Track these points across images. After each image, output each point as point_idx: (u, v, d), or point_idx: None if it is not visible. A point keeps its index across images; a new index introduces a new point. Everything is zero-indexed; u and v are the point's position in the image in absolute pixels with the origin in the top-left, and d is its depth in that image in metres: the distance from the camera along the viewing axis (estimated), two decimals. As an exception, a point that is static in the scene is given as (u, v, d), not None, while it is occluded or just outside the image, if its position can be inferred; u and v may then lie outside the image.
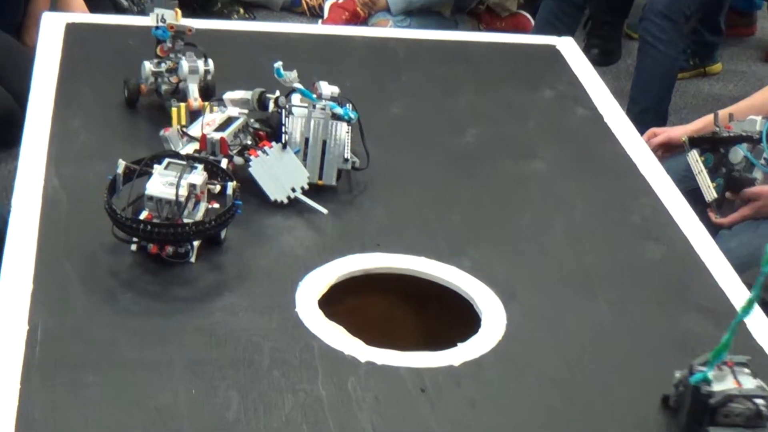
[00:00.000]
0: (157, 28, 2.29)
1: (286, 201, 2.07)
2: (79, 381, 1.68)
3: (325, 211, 2.07)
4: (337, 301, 1.93)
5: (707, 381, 1.63)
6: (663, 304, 2.01)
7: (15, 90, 3.04)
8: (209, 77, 2.30)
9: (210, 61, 2.31)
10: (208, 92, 2.26)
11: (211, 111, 2.17)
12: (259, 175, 2.06)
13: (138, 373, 1.72)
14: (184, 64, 2.25)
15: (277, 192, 2.07)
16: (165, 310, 1.86)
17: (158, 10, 2.27)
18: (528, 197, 2.28)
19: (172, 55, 2.29)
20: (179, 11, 2.28)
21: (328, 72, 2.33)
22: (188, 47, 2.30)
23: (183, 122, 2.17)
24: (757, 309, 1.73)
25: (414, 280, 2.02)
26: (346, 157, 2.13)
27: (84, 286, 1.88)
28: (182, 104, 2.22)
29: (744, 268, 2.51)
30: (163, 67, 2.29)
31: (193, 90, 2.25)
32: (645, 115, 3.41)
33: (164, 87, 2.27)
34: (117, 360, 1.74)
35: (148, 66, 2.34)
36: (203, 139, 2.06)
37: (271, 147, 2.08)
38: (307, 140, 2.12)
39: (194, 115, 2.20)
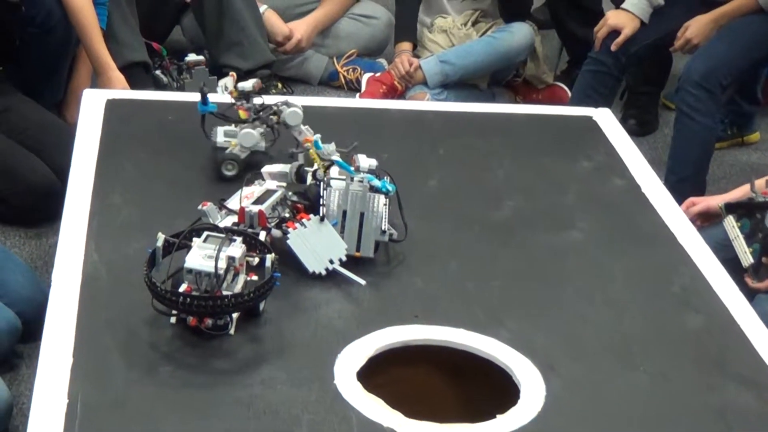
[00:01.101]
0: (204, 103, 2.34)
1: (324, 273, 2.07)
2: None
3: (363, 282, 2.07)
4: (376, 373, 1.92)
5: None
6: (704, 374, 1.99)
7: (56, 165, 3.06)
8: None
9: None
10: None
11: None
12: (297, 248, 2.06)
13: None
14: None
15: (315, 264, 2.07)
16: (204, 383, 1.85)
17: (222, 81, 2.29)
18: (566, 268, 2.27)
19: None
20: (235, 74, 2.29)
21: (365, 145, 2.34)
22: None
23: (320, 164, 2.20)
24: None
25: (453, 351, 2.01)
26: (383, 229, 2.13)
27: (123, 358, 1.87)
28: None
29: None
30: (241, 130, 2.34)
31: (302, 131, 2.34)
32: (683, 185, 3.40)
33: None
34: (156, 430, 1.74)
35: (221, 131, 2.46)
36: (242, 212, 2.06)
37: (309, 219, 2.08)
38: (344, 212, 2.12)
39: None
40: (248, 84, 2.50)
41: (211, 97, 2.38)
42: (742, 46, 3.63)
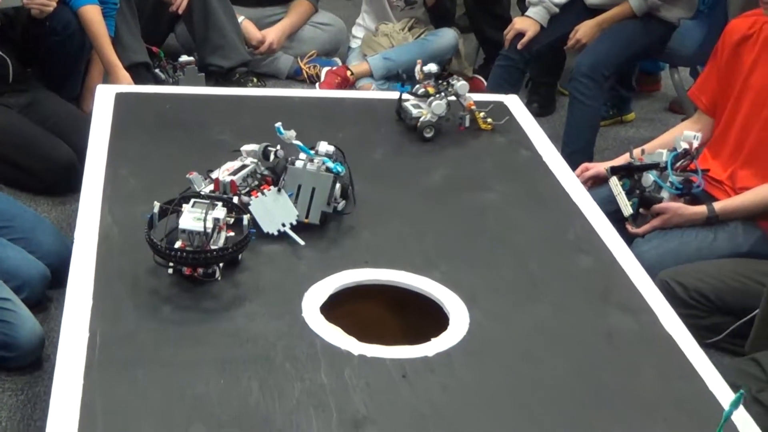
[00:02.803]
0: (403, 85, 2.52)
1: (276, 233, 2.06)
2: (130, 376, 1.68)
3: (302, 242, 2.06)
4: (335, 308, 1.93)
5: None
6: (594, 304, 2.01)
7: (76, 147, 3.04)
8: None
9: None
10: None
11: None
12: (256, 212, 2.05)
13: (177, 369, 1.71)
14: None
15: (269, 226, 2.06)
16: (198, 319, 1.85)
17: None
18: (485, 222, 2.27)
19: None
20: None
21: (325, 126, 2.33)
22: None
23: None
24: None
25: (396, 289, 2.02)
26: (328, 201, 2.11)
27: (132, 301, 1.87)
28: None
29: (654, 267, 2.51)
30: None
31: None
32: (575, 155, 3.41)
33: None
34: (160, 359, 1.73)
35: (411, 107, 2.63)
36: (216, 182, 2.07)
37: (269, 189, 2.07)
38: (300, 186, 2.10)
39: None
40: (433, 67, 2.67)
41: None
42: (620, 44, 3.64)
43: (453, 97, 2.62)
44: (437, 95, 2.61)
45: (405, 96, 2.66)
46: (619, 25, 3.65)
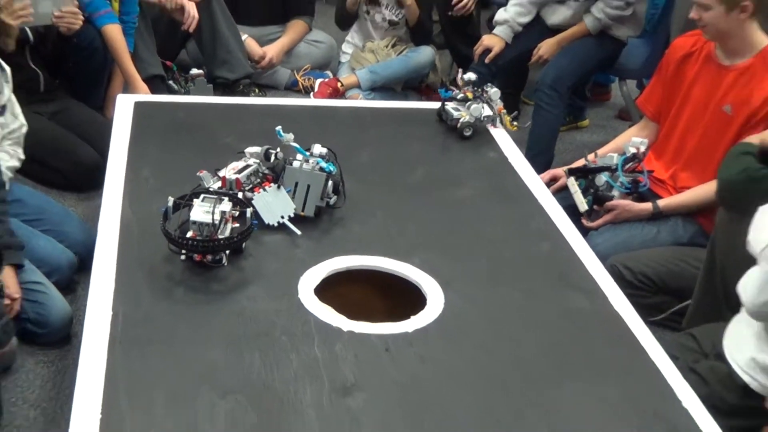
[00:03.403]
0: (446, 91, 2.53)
1: (276, 224, 2.07)
2: (149, 351, 1.68)
3: (299, 232, 2.06)
4: (327, 290, 1.93)
5: None
6: (554, 287, 2.02)
7: (99, 149, 3.03)
8: None
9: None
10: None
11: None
12: (259, 206, 2.05)
13: (190, 344, 1.72)
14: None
15: (270, 218, 2.07)
16: (207, 300, 1.85)
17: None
18: (459, 215, 2.28)
19: None
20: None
21: (318, 131, 2.34)
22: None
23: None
24: None
25: (381, 273, 2.03)
26: (321, 197, 2.12)
27: (149, 284, 1.87)
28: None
29: (606, 256, 2.52)
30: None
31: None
32: (537, 157, 3.42)
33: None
34: (173, 335, 1.74)
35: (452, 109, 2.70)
36: (224, 180, 2.08)
37: (270, 186, 2.08)
38: (296, 183, 2.10)
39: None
40: (472, 76, 2.74)
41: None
42: (579, 59, 3.64)
43: (489, 102, 2.68)
44: (475, 100, 2.67)
45: (447, 102, 2.72)
46: (577, 42, 3.65)
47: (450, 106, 2.69)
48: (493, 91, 2.69)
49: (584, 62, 3.66)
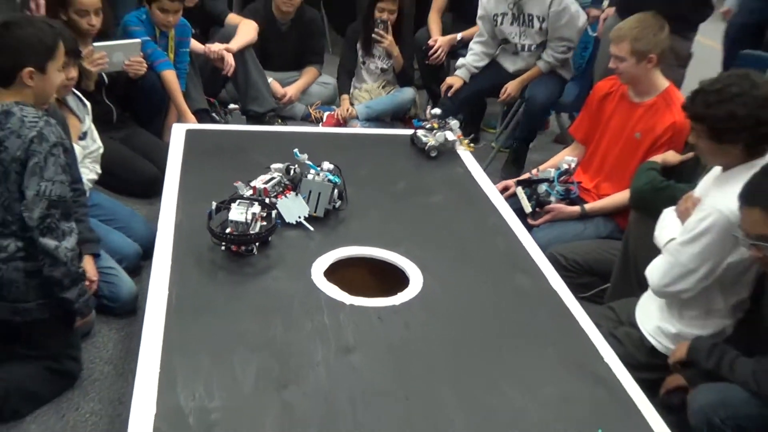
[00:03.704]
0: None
1: (294, 222, 2.07)
2: (197, 320, 1.69)
3: (312, 228, 2.06)
4: (334, 272, 1.93)
5: None
6: (506, 270, 2.02)
7: (159, 165, 3.01)
8: None
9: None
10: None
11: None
12: (282, 208, 2.06)
13: (228, 314, 1.72)
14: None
15: (290, 217, 2.07)
16: (240, 281, 1.85)
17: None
18: (433, 216, 2.27)
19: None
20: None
21: (326, 152, 2.33)
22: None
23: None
24: None
25: (375, 260, 2.03)
26: (329, 201, 2.12)
27: (197, 269, 1.87)
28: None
29: (546, 246, 2.52)
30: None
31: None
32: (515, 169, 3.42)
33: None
34: (216, 308, 1.74)
35: (422, 135, 2.65)
36: (254, 189, 2.07)
37: (290, 194, 2.09)
38: (310, 191, 2.11)
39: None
40: (438, 110, 2.73)
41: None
42: (550, 87, 3.57)
43: (450, 130, 2.66)
44: (440, 129, 2.66)
45: (418, 129, 2.70)
46: (539, 79, 3.60)
47: (420, 133, 2.67)
48: (453, 122, 2.68)
49: (553, 88, 3.63)
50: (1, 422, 1.97)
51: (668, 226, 2.11)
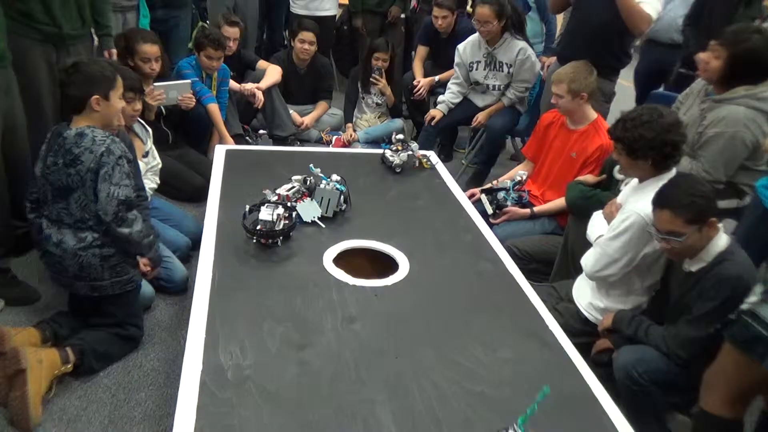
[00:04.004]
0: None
1: (310, 222, 2.05)
2: (235, 296, 1.67)
3: (323, 225, 2.05)
4: (341, 259, 1.92)
5: None
6: (472, 257, 2.01)
7: (205, 177, 2.98)
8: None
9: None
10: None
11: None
12: (300, 210, 2.05)
13: (258, 291, 1.70)
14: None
15: (307, 217, 2.05)
16: (268, 266, 1.83)
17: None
18: (418, 215, 2.26)
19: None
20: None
21: (335, 167, 2.31)
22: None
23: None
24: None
25: (372, 249, 2.01)
26: (336, 205, 2.11)
27: (235, 257, 1.85)
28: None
29: (504, 239, 2.50)
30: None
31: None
32: (465, 184, 3.40)
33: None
34: (249, 287, 1.72)
35: (389, 154, 2.58)
36: (279, 195, 2.05)
37: (306, 199, 2.08)
38: (322, 197, 2.10)
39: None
40: (401, 136, 2.64)
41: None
42: (508, 118, 3.56)
43: (411, 151, 2.61)
44: (403, 150, 2.61)
45: (386, 150, 2.64)
46: (501, 111, 3.57)
47: (388, 153, 2.62)
48: (414, 145, 2.63)
49: (509, 119, 3.60)
50: (80, 376, 1.95)
51: (597, 225, 2.10)
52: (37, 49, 2.43)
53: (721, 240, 1.74)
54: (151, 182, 2.61)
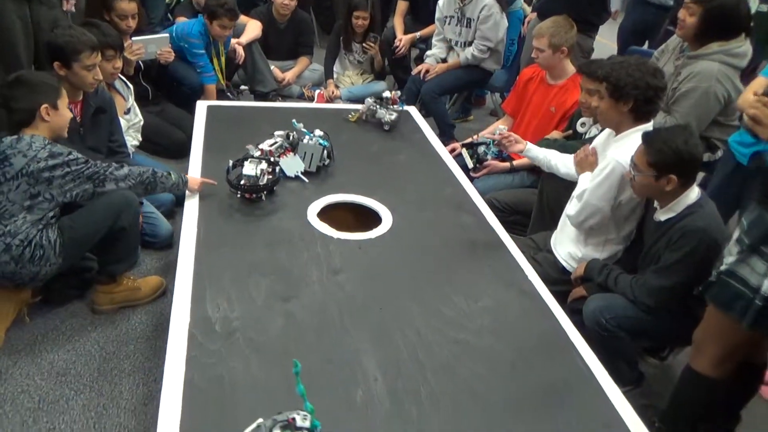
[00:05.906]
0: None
1: (293, 176, 2.02)
2: (219, 250, 1.64)
3: (307, 180, 2.01)
4: (325, 213, 1.89)
5: None
6: (454, 210, 2.00)
7: (187, 133, 2.90)
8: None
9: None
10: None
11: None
12: (283, 165, 2.00)
13: (243, 245, 1.68)
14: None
15: (290, 172, 2.02)
16: (253, 220, 1.80)
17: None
18: (400, 170, 2.23)
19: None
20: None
21: (317, 121, 2.26)
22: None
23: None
24: None
25: (356, 204, 1.99)
26: (320, 160, 2.07)
27: (218, 210, 1.82)
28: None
29: (485, 193, 2.49)
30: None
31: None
32: (443, 138, 3.34)
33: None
34: (235, 242, 1.69)
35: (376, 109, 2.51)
36: (262, 150, 2.01)
37: (290, 154, 2.03)
38: (305, 152, 2.05)
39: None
40: (387, 93, 2.54)
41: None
42: (452, 79, 3.50)
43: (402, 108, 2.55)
44: (382, 108, 2.54)
45: (379, 107, 2.56)
46: (455, 70, 3.50)
47: (381, 110, 2.55)
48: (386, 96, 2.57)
49: (458, 80, 3.53)
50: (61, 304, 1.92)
51: (579, 182, 2.09)
52: (8, 4, 2.35)
53: (693, 192, 1.74)
54: (132, 139, 2.53)
